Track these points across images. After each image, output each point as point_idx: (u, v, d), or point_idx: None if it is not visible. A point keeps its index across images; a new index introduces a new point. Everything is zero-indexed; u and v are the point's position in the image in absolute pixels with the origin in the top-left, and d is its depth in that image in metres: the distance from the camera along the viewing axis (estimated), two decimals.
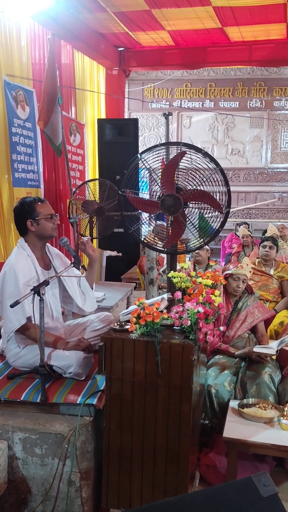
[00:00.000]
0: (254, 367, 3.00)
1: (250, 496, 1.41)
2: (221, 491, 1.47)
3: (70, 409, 2.32)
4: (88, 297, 2.94)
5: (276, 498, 1.38)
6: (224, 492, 1.45)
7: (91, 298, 2.95)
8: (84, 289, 2.94)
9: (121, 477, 2.21)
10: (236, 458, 2.45)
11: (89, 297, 2.94)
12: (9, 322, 2.56)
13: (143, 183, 4.33)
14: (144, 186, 4.24)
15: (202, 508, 1.43)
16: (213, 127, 10.46)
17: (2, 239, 4.85)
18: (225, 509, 1.41)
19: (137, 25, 6.88)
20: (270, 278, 4.63)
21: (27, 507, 2.28)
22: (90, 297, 2.95)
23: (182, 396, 2.12)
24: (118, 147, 7.10)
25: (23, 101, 5.31)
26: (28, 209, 2.67)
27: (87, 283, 2.95)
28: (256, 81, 10.12)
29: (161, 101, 10.46)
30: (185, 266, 3.04)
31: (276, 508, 1.38)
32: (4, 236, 4.91)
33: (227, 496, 1.44)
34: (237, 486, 1.46)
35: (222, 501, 1.42)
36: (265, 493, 1.40)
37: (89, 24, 6.75)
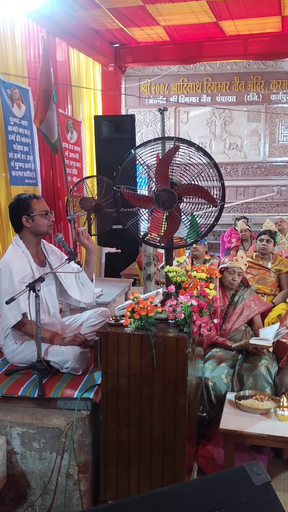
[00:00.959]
0: (251, 359, 3.02)
1: (243, 484, 1.43)
2: (214, 480, 1.49)
3: (67, 403, 2.35)
4: (86, 289, 2.93)
5: (268, 487, 1.40)
6: (217, 481, 1.47)
7: (89, 289, 2.93)
8: (83, 281, 2.93)
9: (118, 470, 2.24)
10: (233, 449, 2.48)
11: (87, 289, 2.92)
12: (5, 319, 2.58)
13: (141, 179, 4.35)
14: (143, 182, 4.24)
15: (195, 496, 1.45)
16: (211, 121, 10.45)
17: (1, 238, 4.87)
18: (218, 497, 1.43)
19: (132, 21, 6.87)
20: (267, 271, 4.65)
21: (26, 500, 2.31)
22: (89, 289, 2.93)
23: (178, 388, 2.14)
24: (115, 143, 7.09)
25: (18, 99, 5.32)
26: (23, 206, 2.69)
27: (85, 275, 2.93)
28: (253, 75, 10.11)
29: (158, 96, 10.45)
30: (181, 261, 3.05)
31: (268, 497, 1.40)
32: (2, 235, 4.93)
33: (220, 485, 1.45)
34: (230, 475, 1.48)
35: (215, 490, 1.44)
36: (258, 482, 1.42)
37: (84, 21, 6.75)
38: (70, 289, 2.86)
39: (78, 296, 2.88)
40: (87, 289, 2.93)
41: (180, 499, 1.44)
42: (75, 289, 2.89)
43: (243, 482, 1.44)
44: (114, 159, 7.25)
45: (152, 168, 3.22)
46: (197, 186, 3.05)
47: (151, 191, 3.29)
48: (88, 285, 2.94)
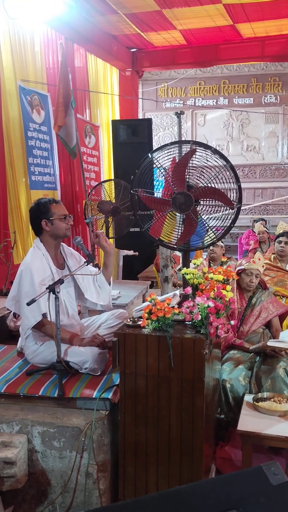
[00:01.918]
0: (269, 361, 3.02)
1: (260, 484, 1.43)
2: (231, 479, 1.50)
3: (86, 403, 2.39)
4: (103, 291, 2.98)
5: (286, 487, 1.41)
6: (234, 480, 1.48)
7: (106, 292, 2.98)
8: (100, 284, 2.98)
9: (137, 469, 2.27)
10: (250, 451, 2.48)
11: (104, 291, 2.98)
12: (26, 319, 2.64)
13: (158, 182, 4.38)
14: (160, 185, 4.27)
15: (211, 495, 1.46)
16: (228, 124, 10.44)
17: (21, 241, 4.96)
18: (235, 496, 1.44)
19: (149, 26, 6.93)
20: (286, 273, 4.62)
21: (47, 498, 2.35)
22: (105, 291, 2.98)
23: (195, 389, 2.16)
24: (133, 147, 7.16)
25: (38, 106, 5.42)
26: (43, 210, 2.76)
27: (103, 278, 2.98)
28: (270, 76, 10.06)
29: (175, 100, 10.48)
30: (198, 263, 3.07)
31: (286, 497, 1.41)
32: (22, 238, 5.02)
33: (237, 484, 1.47)
34: (247, 475, 1.49)
35: (232, 489, 1.45)
36: (275, 482, 1.43)
37: (101, 26, 6.83)
38: (87, 292, 2.91)
39: (95, 299, 2.93)
40: (104, 291, 2.98)
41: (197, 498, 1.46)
42: (92, 292, 2.94)
43: (260, 482, 1.45)
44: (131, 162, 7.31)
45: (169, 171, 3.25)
46: (213, 188, 3.07)
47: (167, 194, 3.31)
48: (105, 287, 2.99)
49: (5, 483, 2.21)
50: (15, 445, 2.24)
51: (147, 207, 3.14)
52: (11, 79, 4.97)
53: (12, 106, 4.95)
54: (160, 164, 3.23)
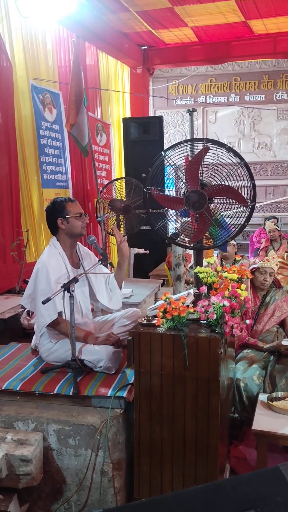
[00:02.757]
0: (283, 360, 3.00)
1: (277, 484, 1.43)
2: (248, 479, 1.50)
3: (101, 401, 2.40)
4: (114, 295, 2.99)
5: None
6: (251, 480, 1.48)
7: (117, 296, 3.00)
8: (112, 287, 3.00)
9: (152, 468, 2.27)
10: (265, 450, 2.47)
11: (115, 295, 2.99)
12: (41, 317, 2.66)
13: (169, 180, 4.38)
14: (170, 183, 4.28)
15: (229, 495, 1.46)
16: (239, 121, 10.37)
17: (33, 240, 4.98)
18: (252, 497, 1.44)
19: (160, 23, 6.91)
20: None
21: (62, 496, 2.37)
22: (116, 296, 3.00)
23: (210, 388, 2.16)
24: (144, 145, 7.15)
25: (50, 104, 5.43)
26: (59, 208, 2.77)
27: (115, 282, 3.00)
28: (282, 73, 9.96)
29: (186, 97, 10.44)
30: (211, 261, 3.06)
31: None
32: (35, 237, 5.04)
33: (254, 484, 1.46)
34: (264, 475, 1.49)
35: (249, 489, 1.45)
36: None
37: (113, 24, 6.82)
38: (99, 293, 2.93)
39: (106, 302, 2.94)
40: (115, 295, 2.99)
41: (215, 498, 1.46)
42: (103, 294, 2.95)
43: (277, 482, 1.44)
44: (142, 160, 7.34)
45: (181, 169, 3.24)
46: (227, 186, 3.06)
47: (178, 191, 3.31)
48: (116, 291, 3.00)
49: (21, 481, 2.22)
50: (31, 443, 2.25)
51: (158, 204, 3.14)
52: (24, 78, 4.98)
53: (24, 105, 4.96)
54: (174, 162, 3.22)
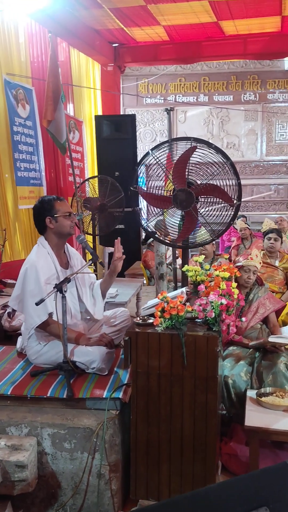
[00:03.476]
0: (269, 356, 3.05)
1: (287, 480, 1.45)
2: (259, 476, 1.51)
3: (96, 403, 2.36)
4: (97, 303, 2.93)
5: None
6: (262, 477, 1.49)
7: (100, 305, 2.94)
8: (95, 295, 2.94)
9: (149, 468, 2.26)
10: (258, 446, 2.50)
11: (98, 304, 2.93)
12: (30, 319, 2.59)
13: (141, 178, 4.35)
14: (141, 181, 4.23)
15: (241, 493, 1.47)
16: (208, 121, 10.50)
17: (8, 238, 4.86)
18: (264, 493, 1.45)
19: (133, 21, 6.89)
20: (275, 269, 4.69)
21: (57, 501, 2.32)
22: (99, 304, 2.94)
23: (208, 386, 2.17)
24: (116, 143, 7.10)
25: (23, 100, 5.31)
26: (47, 207, 2.71)
27: (99, 290, 2.94)
28: (250, 74, 10.16)
29: (156, 96, 10.47)
30: (200, 260, 3.07)
31: None
32: (10, 236, 4.92)
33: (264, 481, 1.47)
34: (274, 471, 1.50)
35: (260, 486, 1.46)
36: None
37: (85, 20, 6.75)
38: (84, 295, 2.87)
39: (90, 306, 2.87)
40: (98, 303, 2.93)
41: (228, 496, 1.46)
42: (87, 298, 2.89)
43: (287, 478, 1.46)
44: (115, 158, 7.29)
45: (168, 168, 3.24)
46: (214, 185, 3.08)
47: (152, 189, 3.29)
48: (99, 300, 2.93)
49: (16, 487, 2.16)
50: (26, 448, 2.19)
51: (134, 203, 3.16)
52: None
53: None
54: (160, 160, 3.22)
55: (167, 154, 3.35)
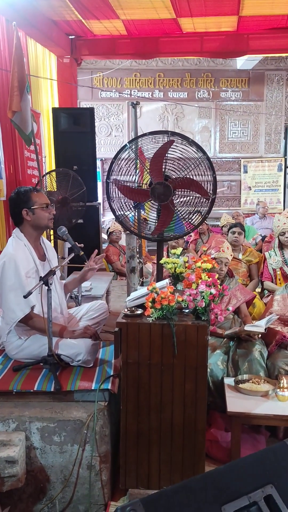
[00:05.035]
0: (244, 345, 3.16)
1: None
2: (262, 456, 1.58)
3: (85, 395, 2.35)
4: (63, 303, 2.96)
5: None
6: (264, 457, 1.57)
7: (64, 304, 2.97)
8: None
9: (139, 458, 2.28)
10: (240, 431, 2.59)
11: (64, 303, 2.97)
12: (12, 313, 2.53)
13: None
14: None
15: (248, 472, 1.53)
16: (163, 117, 10.59)
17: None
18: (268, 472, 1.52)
19: (91, 13, 6.80)
20: (239, 262, 4.84)
21: (45, 495, 2.29)
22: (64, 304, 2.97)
23: (198, 375, 2.22)
24: (74, 136, 7.00)
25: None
26: (24, 199, 2.65)
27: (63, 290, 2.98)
28: (203, 72, 10.35)
29: (111, 90, 10.42)
30: (178, 252, 3.12)
31: None
32: None
33: (268, 460, 1.55)
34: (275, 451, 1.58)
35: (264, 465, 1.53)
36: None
37: (43, 10, 6.58)
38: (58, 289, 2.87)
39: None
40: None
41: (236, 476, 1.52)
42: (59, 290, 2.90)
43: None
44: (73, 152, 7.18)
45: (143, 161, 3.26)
46: (190, 179, 3.14)
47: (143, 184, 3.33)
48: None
49: (6, 483, 2.12)
50: (15, 443, 2.15)
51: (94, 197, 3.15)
52: None
53: None
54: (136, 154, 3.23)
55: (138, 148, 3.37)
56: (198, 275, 2.51)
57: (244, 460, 1.72)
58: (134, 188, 3.20)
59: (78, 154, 6.83)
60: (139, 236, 3.41)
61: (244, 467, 1.54)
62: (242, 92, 10.45)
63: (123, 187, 3.22)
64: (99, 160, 10.25)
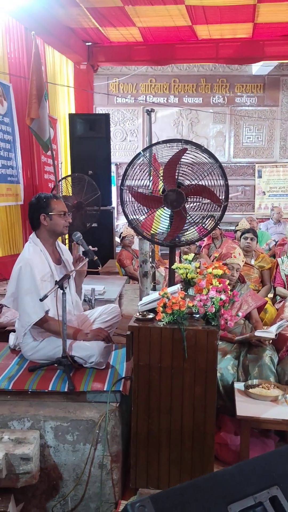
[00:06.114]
0: (255, 350, 3.20)
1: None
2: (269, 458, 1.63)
3: (97, 396, 2.42)
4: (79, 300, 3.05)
5: None
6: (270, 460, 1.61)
7: (79, 302, 3.07)
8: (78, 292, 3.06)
9: (149, 458, 2.34)
10: (249, 435, 2.64)
11: (79, 301, 3.06)
12: (27, 316, 2.61)
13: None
14: None
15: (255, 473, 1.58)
16: (178, 122, 10.66)
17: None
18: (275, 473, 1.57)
19: (108, 21, 6.93)
20: (251, 268, 4.88)
21: (58, 492, 2.36)
22: (79, 301, 3.07)
23: (208, 378, 2.28)
24: (90, 142, 7.13)
25: (1, 96, 5.26)
26: (43, 204, 2.74)
27: None
28: (219, 77, 10.41)
29: (126, 96, 10.54)
30: (189, 258, 3.18)
31: None
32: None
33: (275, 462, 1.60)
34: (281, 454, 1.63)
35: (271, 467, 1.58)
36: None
37: (61, 19, 6.73)
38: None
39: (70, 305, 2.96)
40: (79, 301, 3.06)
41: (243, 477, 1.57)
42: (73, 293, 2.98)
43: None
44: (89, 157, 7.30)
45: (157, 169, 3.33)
46: (203, 186, 3.20)
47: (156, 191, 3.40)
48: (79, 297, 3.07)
49: (20, 480, 2.19)
50: (30, 441, 2.23)
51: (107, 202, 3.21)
52: None
53: None
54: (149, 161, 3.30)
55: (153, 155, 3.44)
56: (209, 281, 2.57)
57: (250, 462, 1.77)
58: (147, 195, 3.27)
59: (93, 159, 6.95)
60: (152, 242, 3.47)
61: (250, 468, 1.59)
62: (257, 97, 10.48)
63: (137, 194, 3.30)
64: (114, 165, 10.38)
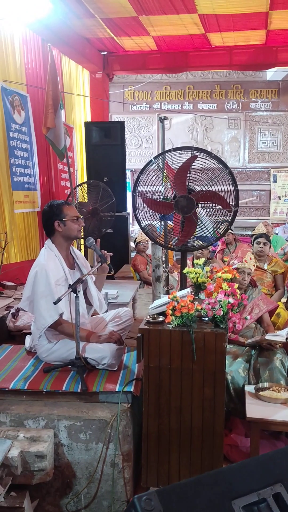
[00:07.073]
0: (266, 354, 3.24)
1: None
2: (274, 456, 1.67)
3: (109, 397, 2.50)
4: (102, 299, 3.12)
5: None
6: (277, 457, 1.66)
7: (102, 299, 3.14)
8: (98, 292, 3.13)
9: (160, 458, 2.41)
10: (258, 436, 2.68)
11: (102, 299, 3.13)
12: (42, 319, 2.71)
13: None
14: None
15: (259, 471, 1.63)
16: (193, 128, 10.74)
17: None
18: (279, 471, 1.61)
19: (123, 31, 7.05)
20: (264, 272, 4.91)
21: (72, 490, 2.44)
22: (102, 299, 3.14)
23: (216, 380, 2.33)
24: (105, 149, 7.25)
25: (19, 106, 5.41)
26: (56, 211, 2.84)
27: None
28: (233, 83, 10.46)
29: (141, 103, 10.67)
30: (200, 263, 3.24)
31: None
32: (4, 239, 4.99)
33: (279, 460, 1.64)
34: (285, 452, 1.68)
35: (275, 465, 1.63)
36: None
37: (76, 29, 6.88)
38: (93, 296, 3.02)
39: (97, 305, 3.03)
40: (101, 298, 3.12)
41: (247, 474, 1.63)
42: (96, 298, 3.05)
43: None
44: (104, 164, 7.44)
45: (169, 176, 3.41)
46: (213, 192, 3.26)
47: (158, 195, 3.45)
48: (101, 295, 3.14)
49: (35, 477, 2.28)
50: (44, 440, 2.31)
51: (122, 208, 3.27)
52: None
53: None
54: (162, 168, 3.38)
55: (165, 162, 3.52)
56: (218, 284, 2.63)
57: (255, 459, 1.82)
58: (159, 201, 3.35)
59: (109, 166, 7.08)
60: (164, 247, 3.55)
61: (255, 466, 1.64)
62: (272, 102, 10.50)
63: (149, 200, 3.38)
64: (129, 171, 10.49)
